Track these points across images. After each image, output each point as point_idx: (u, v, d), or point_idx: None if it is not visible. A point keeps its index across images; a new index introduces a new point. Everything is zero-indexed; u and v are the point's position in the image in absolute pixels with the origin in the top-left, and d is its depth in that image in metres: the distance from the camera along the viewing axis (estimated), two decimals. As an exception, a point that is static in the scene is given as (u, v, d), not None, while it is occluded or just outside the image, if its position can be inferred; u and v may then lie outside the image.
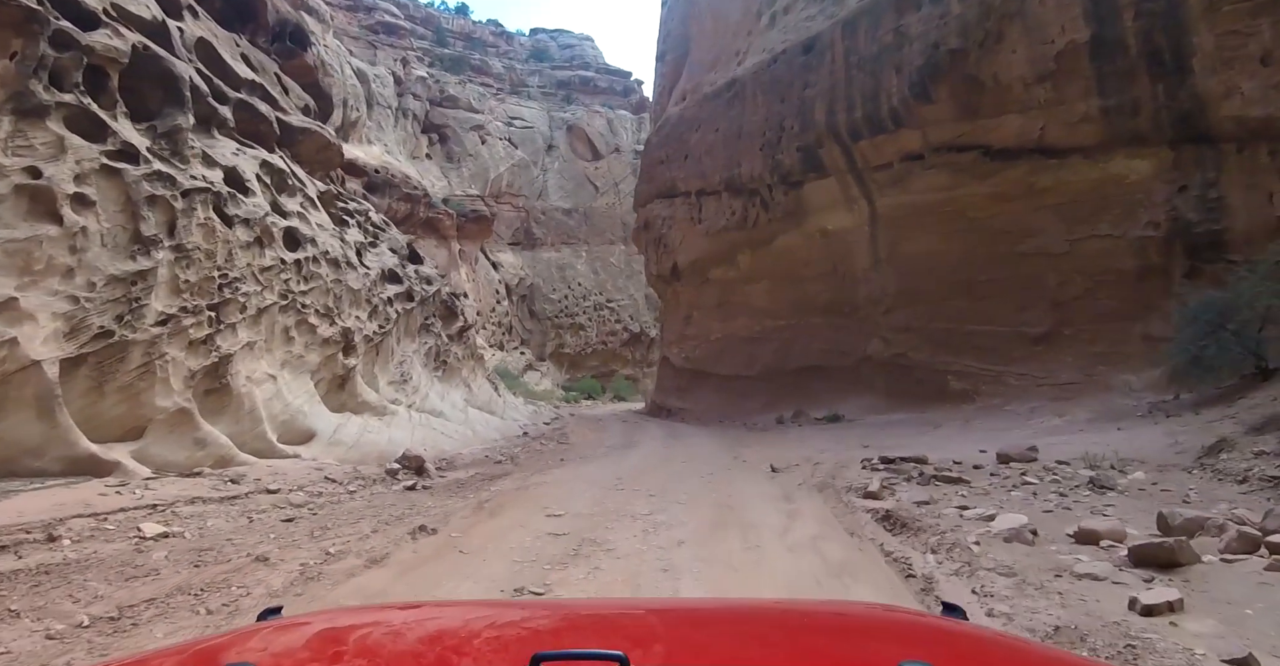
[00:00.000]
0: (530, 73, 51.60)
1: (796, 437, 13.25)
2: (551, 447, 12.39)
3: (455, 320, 16.32)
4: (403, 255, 16.23)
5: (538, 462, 10.31)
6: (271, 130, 13.50)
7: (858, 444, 11.27)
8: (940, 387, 17.84)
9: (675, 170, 26.41)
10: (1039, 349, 16.55)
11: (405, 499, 7.22)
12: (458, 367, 15.24)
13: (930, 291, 18.52)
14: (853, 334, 20.36)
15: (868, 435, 12.52)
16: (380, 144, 40.94)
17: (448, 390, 14.15)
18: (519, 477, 8.54)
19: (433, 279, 15.86)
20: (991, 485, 6.71)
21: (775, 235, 22.23)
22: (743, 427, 18.07)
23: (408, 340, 13.63)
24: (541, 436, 14.02)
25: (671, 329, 28.20)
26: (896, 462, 8.33)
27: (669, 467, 9.30)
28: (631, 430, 16.60)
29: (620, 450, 11.83)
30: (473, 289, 41.29)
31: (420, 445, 10.35)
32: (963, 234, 17.90)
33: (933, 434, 11.90)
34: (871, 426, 14.68)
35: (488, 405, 15.99)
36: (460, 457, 10.74)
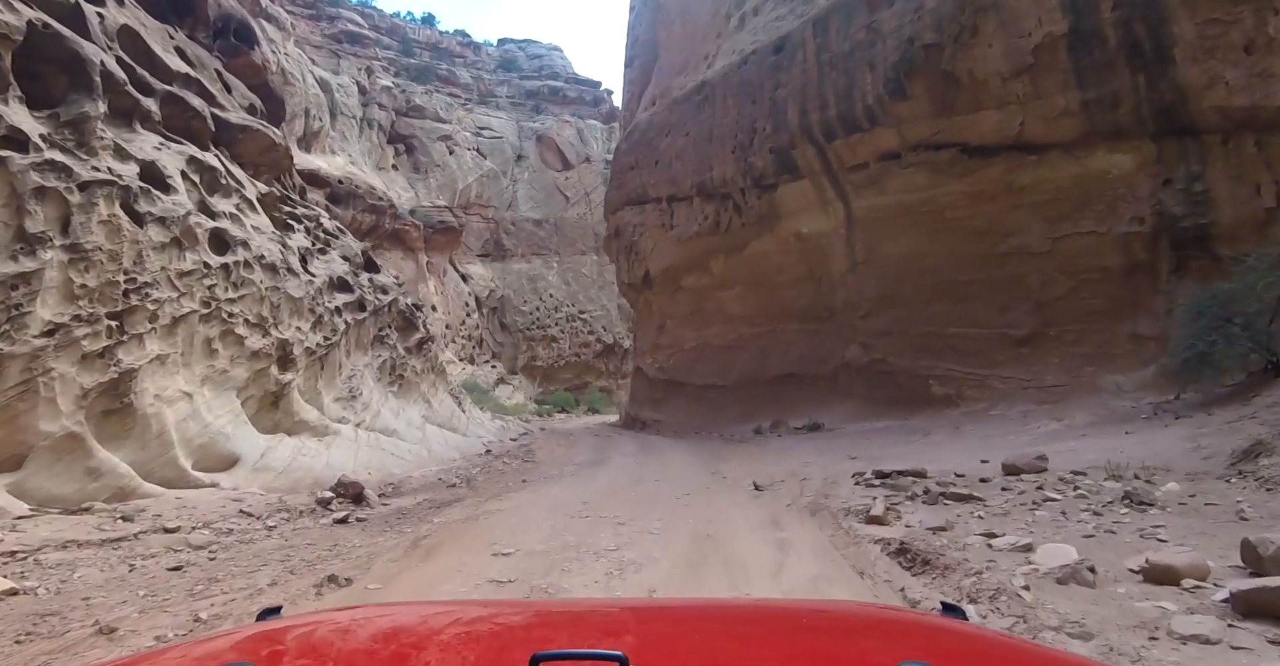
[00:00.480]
0: (499, 83, 50.62)
1: (777, 449, 12.28)
2: (514, 467, 11.26)
3: (414, 332, 15.13)
4: (356, 263, 15.03)
5: (496, 485, 9.18)
6: (205, 127, 12.30)
7: (844, 455, 10.33)
8: (923, 393, 17.06)
9: (645, 176, 25.54)
10: (1023, 351, 15.86)
11: (330, 536, 6.07)
12: (416, 382, 14.04)
13: (910, 294, 17.79)
14: (830, 340, 19.54)
15: (853, 445, 11.60)
16: (344, 154, 39.57)
17: (404, 406, 12.93)
18: (471, 504, 7.43)
19: (389, 288, 14.69)
20: (1009, 503, 5.77)
21: (749, 240, 21.41)
22: (720, 439, 17.08)
23: (359, 353, 12.43)
24: (505, 454, 12.85)
25: (644, 338, 27.20)
26: (893, 477, 7.38)
27: (641, 488, 8.26)
28: (603, 445, 15.51)
29: (589, 468, 10.74)
30: (441, 301, 39.94)
31: (365, 468, 9.17)
32: (942, 234, 17.23)
33: (922, 442, 11.02)
34: (855, 435, 13.79)
35: (449, 422, 14.78)
36: (410, 481, 9.55)
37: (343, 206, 35.84)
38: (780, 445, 13.25)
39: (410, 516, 6.93)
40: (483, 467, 10.94)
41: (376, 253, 39.28)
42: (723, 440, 16.66)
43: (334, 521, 6.68)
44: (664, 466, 10.69)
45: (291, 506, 7.21)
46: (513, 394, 40.92)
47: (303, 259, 11.99)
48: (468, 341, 41.03)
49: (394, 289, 14.83)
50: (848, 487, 7.20)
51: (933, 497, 5.97)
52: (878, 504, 5.53)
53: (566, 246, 46.48)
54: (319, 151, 38.22)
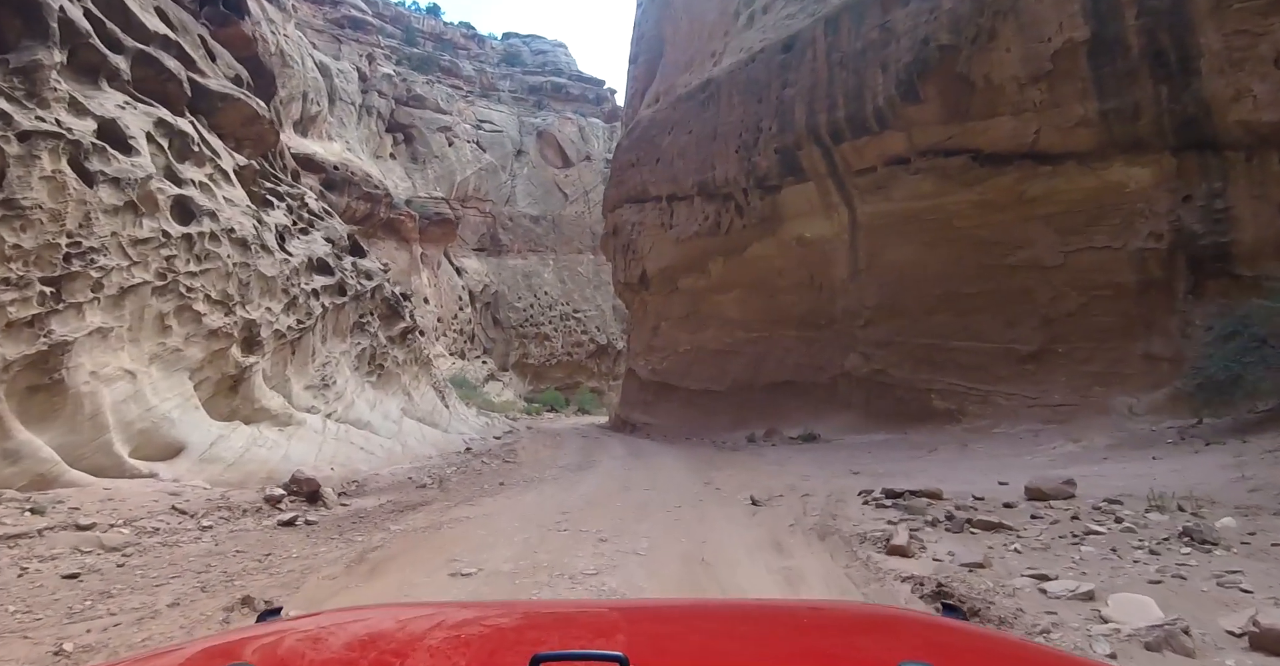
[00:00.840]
0: (501, 77, 49.80)
1: (773, 460, 11.51)
2: (493, 468, 10.46)
3: (398, 321, 14.27)
4: (341, 246, 14.18)
5: (470, 487, 8.36)
6: (181, 91, 11.44)
7: (845, 469, 9.57)
8: (923, 407, 16.34)
9: (646, 173, 24.79)
10: (1029, 368, 15.16)
11: (268, 542, 5.25)
12: (397, 373, 13.17)
13: (912, 305, 17.07)
14: (829, 348, 18.81)
15: (853, 458, 10.85)
16: (341, 141, 38.66)
17: (382, 398, 12.08)
18: (438, 509, 6.62)
19: (374, 273, 13.84)
20: (1045, 534, 5.01)
21: (749, 242, 20.67)
22: (712, 446, 16.29)
23: (336, 339, 11.58)
24: (486, 453, 11.99)
25: (638, 340, 26.41)
26: (905, 497, 6.61)
27: (628, 497, 7.45)
28: (590, 447, 14.69)
29: (573, 472, 9.93)
30: (434, 294, 39.04)
31: (329, 463, 8.35)
32: (948, 244, 16.53)
33: (928, 459, 10.26)
34: (853, 448, 13.04)
35: (430, 416, 13.92)
36: (377, 479, 8.71)
37: (337, 192, 34.96)
38: (776, 455, 12.47)
39: (367, 520, 6.11)
40: (459, 467, 10.08)
41: (370, 241, 38.34)
42: (715, 447, 15.88)
43: (278, 523, 5.85)
44: (653, 473, 9.90)
45: (235, 504, 6.37)
46: (502, 391, 40.03)
47: (280, 237, 11.13)
48: (459, 336, 40.13)
49: (379, 275, 13.99)
50: (856, 507, 6.42)
51: (957, 524, 5.20)
52: (900, 532, 4.74)
53: (563, 244, 45.66)
54: (316, 136, 37.31)
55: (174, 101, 11.20)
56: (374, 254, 37.86)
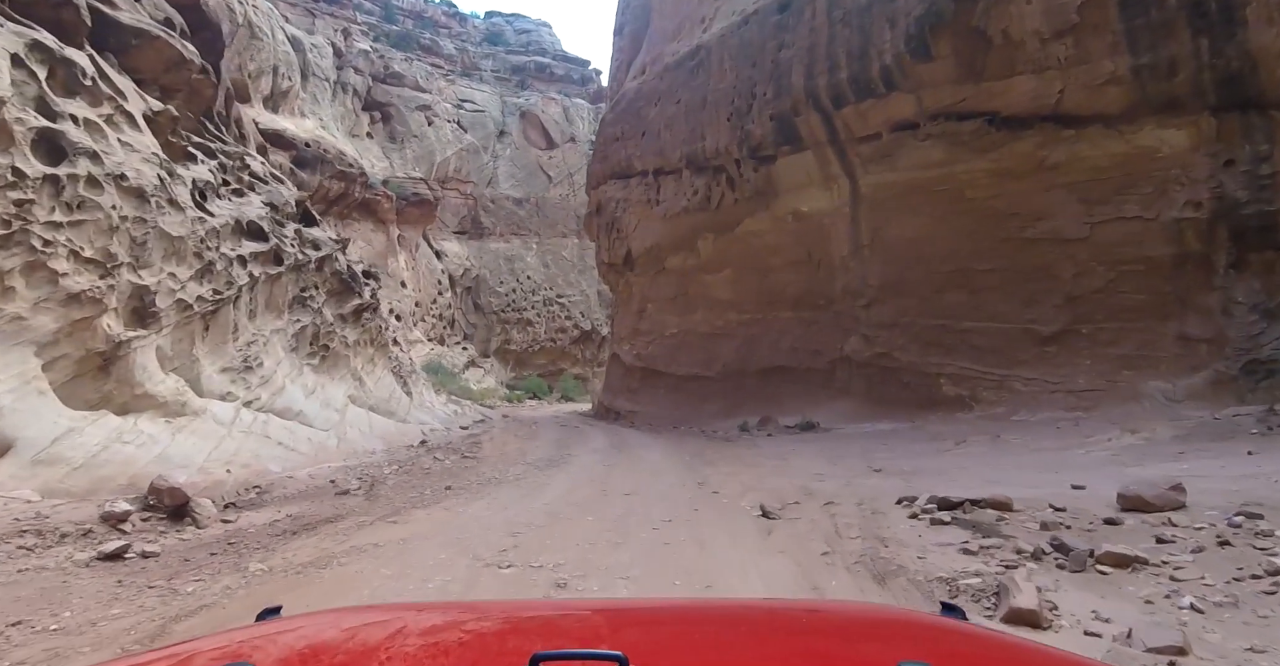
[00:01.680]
0: (483, 56, 47.40)
1: (774, 453, 9.85)
2: (447, 465, 8.82)
3: (351, 297, 12.36)
4: (286, 213, 12.23)
5: (406, 494, 6.61)
6: (79, 20, 9.43)
7: (862, 466, 7.93)
8: (931, 393, 14.74)
9: (631, 147, 22.90)
10: (1050, 350, 13.57)
11: (56, 591, 3.49)
12: (345, 356, 11.29)
13: (919, 283, 15.41)
14: (828, 330, 17.13)
15: (867, 452, 9.21)
16: (315, 117, 36.27)
17: (324, 384, 10.20)
18: (345, 530, 4.88)
19: (322, 243, 11.92)
20: (1210, 574, 3.37)
21: (741, 218, 18.90)
22: (702, 436, 14.61)
23: (270, 315, 9.69)
24: (444, 447, 10.18)
25: (623, 323, 24.61)
26: (965, 508, 4.94)
27: (604, 508, 5.72)
28: (568, 438, 12.95)
29: (541, 471, 8.20)
30: (412, 277, 36.95)
31: (226, 464, 6.56)
32: (959, 217, 14.86)
33: (957, 453, 8.62)
34: (860, 439, 11.40)
35: (385, 405, 12.08)
36: (289, 484, 6.89)
37: (309, 170, 32.66)
38: (775, 447, 10.80)
39: (235, 550, 4.37)
40: (403, 465, 8.26)
41: (345, 222, 36.15)
42: (705, 437, 14.20)
43: (97, 556, 4.07)
44: (637, 471, 8.20)
45: (54, 524, 4.58)
46: (483, 378, 38.14)
47: (200, 194, 9.21)
48: (438, 321, 38.11)
49: (329, 245, 12.06)
50: (903, 524, 4.75)
51: (1077, 560, 3.51)
52: (1020, 593, 2.94)
53: (547, 228, 43.63)
54: (287, 112, 34.89)
55: (69, 30, 9.20)
56: (350, 235, 35.67)
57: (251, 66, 32.76)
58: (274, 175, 13.69)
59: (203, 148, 10.89)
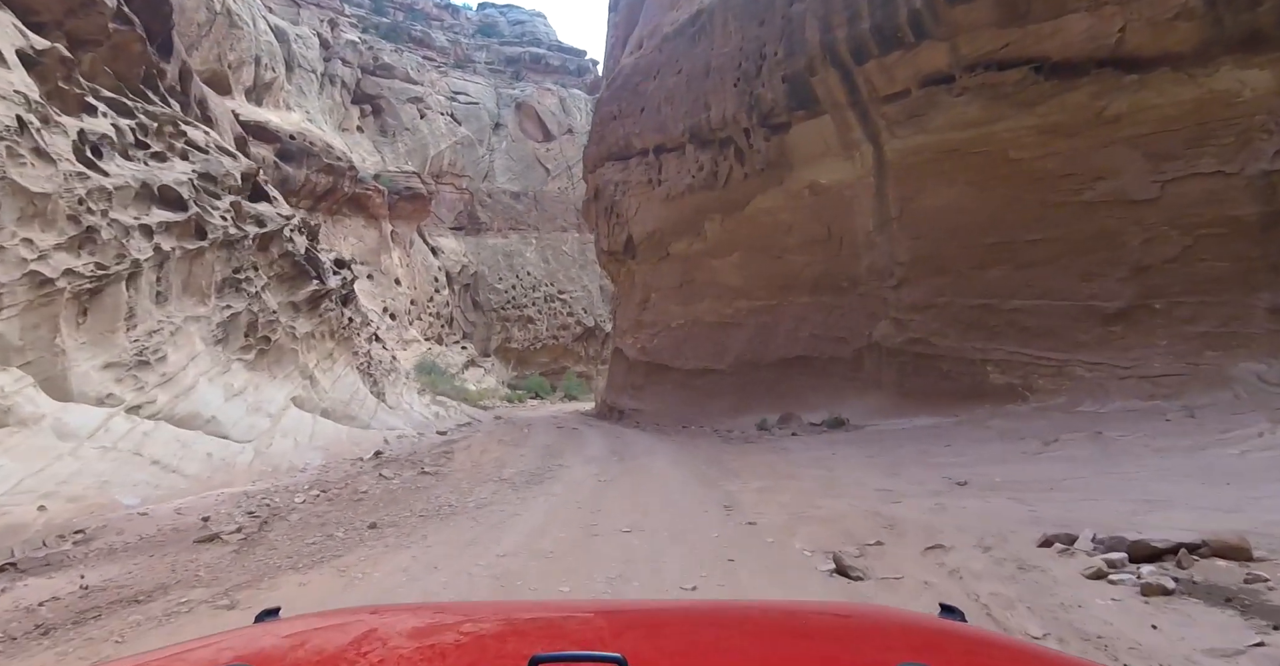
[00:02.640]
0: (477, 48, 45.53)
1: (810, 458, 7.97)
2: (392, 487, 6.79)
3: (305, 282, 10.51)
4: (227, 185, 10.41)
5: (303, 538, 4.78)
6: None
7: (934, 475, 6.08)
8: (976, 382, 12.83)
9: (629, 125, 21.00)
10: (1116, 330, 11.65)
11: None
12: (293, 350, 9.42)
13: (957, 258, 13.49)
14: (852, 316, 15.22)
15: (925, 455, 7.34)
16: (301, 110, 34.54)
17: (260, 383, 8.35)
18: (153, 617, 3.02)
19: (267, 219, 10.09)
20: None
21: (752, 194, 16.99)
22: (716, 437, 12.75)
23: (187, 299, 7.85)
24: (402, 459, 8.24)
25: (625, 315, 22.72)
26: (1181, 559, 3.03)
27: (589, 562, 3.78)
28: (562, 443, 11.08)
29: (517, 491, 6.27)
30: (407, 275, 35.17)
31: (47, 495, 4.76)
32: (1002, 182, 12.93)
33: (1052, 456, 6.68)
34: (908, 439, 9.51)
35: (343, 407, 10.23)
36: (138, 523, 4.89)
37: (295, 164, 30.97)
38: (807, 450, 8.94)
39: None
40: (330, 489, 6.29)
41: (335, 218, 34.38)
42: (720, 438, 12.34)
43: None
44: (641, 489, 6.33)
45: None
46: (483, 378, 36.36)
47: (93, 150, 7.38)
48: (436, 319, 36.34)
49: (276, 220, 10.22)
50: (1088, 593, 2.90)
51: None
52: None
53: (546, 222, 41.77)
54: (272, 105, 33.17)
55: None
56: (341, 231, 33.91)
57: (231, 56, 31.04)
58: (222, 148, 11.87)
59: (114, 103, 9.08)
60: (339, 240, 33.02)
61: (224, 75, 31.32)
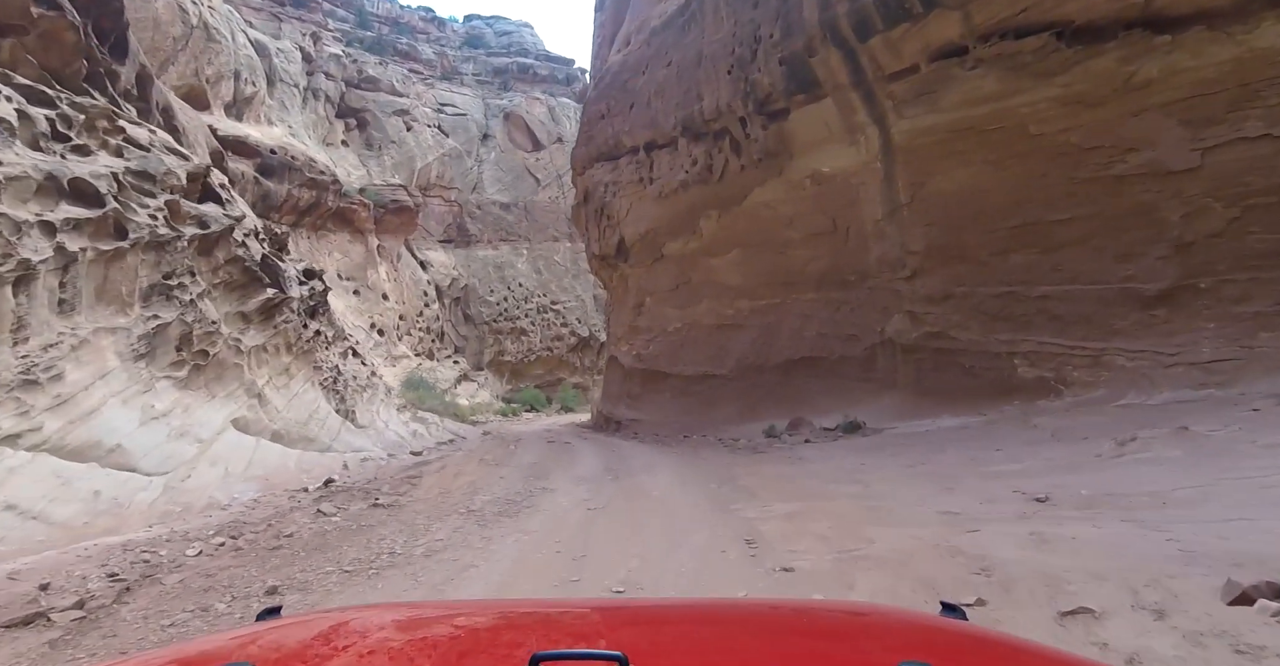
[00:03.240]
0: (464, 60, 44.74)
1: (836, 471, 6.72)
2: (328, 526, 5.41)
3: (257, 291, 9.24)
4: (168, 184, 9.24)
5: (157, 619, 3.42)
6: None
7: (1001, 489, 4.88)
8: (1002, 377, 11.65)
9: (619, 123, 19.96)
10: (1158, 313, 10.50)
11: None
12: (237, 366, 8.11)
13: (976, 245, 12.38)
14: (862, 311, 14.06)
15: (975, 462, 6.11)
16: (284, 125, 33.54)
17: (192, 404, 7.05)
18: None
19: (211, 220, 8.84)
20: None
21: (749, 188, 15.89)
22: (722, 447, 11.51)
23: (104, 309, 6.61)
24: (356, 488, 7.09)
25: (619, 322, 21.51)
26: None
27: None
28: (551, 460, 9.78)
29: (484, 528, 5.11)
30: (394, 289, 33.97)
31: None
32: (1023, 160, 11.85)
33: (1135, 460, 5.44)
34: (942, 442, 8.28)
35: (299, 428, 8.89)
36: None
37: (276, 179, 29.89)
38: (829, 460, 7.70)
39: None
40: (246, 532, 4.74)
41: (320, 234, 33.23)
42: (726, 448, 11.11)
43: None
44: (640, 522, 5.04)
45: None
46: (477, 392, 35.06)
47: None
48: (426, 334, 35.09)
49: (222, 221, 9.00)
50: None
51: None
52: None
53: (537, 232, 40.70)
54: (253, 120, 32.16)
55: None
56: (326, 247, 32.73)
57: (209, 71, 30.07)
58: (172, 149, 10.68)
59: (30, 91, 7.93)
60: (324, 256, 31.86)
61: (202, 90, 30.31)
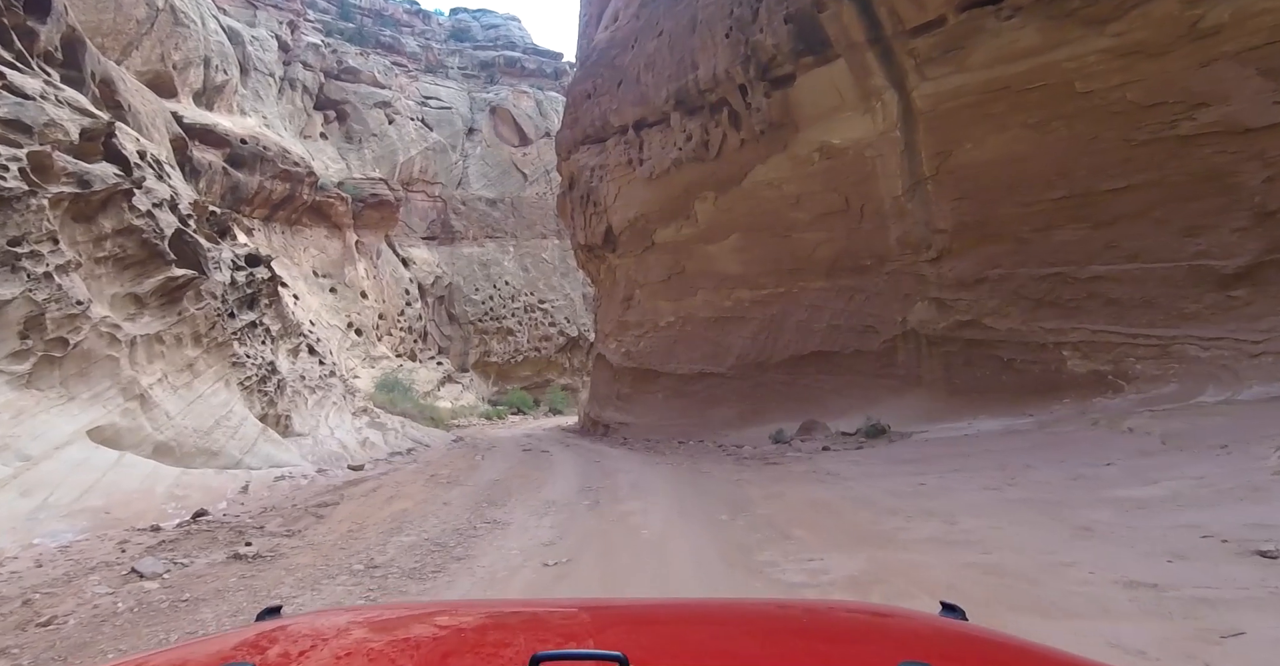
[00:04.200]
0: (449, 53, 42.89)
1: (886, 495, 4.92)
2: (120, 608, 3.30)
3: (156, 268, 7.38)
4: (48, 137, 7.40)
5: None
6: None
7: (1164, 524, 3.20)
8: (1049, 371, 9.95)
9: (606, 102, 18.18)
10: (1238, 294, 8.83)
11: None
12: (113, 359, 6.19)
13: (1014, 220, 10.68)
14: (881, 299, 12.33)
15: (1076, 480, 4.41)
16: (258, 115, 31.57)
17: (31, 407, 5.01)
18: None
19: (95, 179, 7.02)
20: None
21: (750, 165, 14.14)
22: (723, 456, 9.74)
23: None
24: (231, 524, 5.22)
25: (607, 317, 19.69)
26: None
27: None
28: (518, 476, 7.87)
29: (367, 603, 3.15)
30: (374, 287, 32.01)
31: None
32: (1069, 121, 10.17)
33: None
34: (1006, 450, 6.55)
35: (195, 439, 6.93)
36: None
37: (247, 170, 27.92)
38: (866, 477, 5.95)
39: None
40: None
41: (294, 229, 31.24)
42: (731, 458, 9.33)
43: None
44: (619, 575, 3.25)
45: None
46: (461, 394, 33.13)
47: None
48: (408, 334, 33.13)
49: (109, 180, 7.11)
50: None
51: None
52: None
53: (524, 229, 38.84)
54: (224, 109, 30.18)
55: None
56: (301, 242, 30.75)
57: (176, 56, 28.08)
58: (80, 109, 8.80)
59: None
60: (299, 252, 29.91)
61: (169, 77, 28.31)
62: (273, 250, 29.77)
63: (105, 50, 24.51)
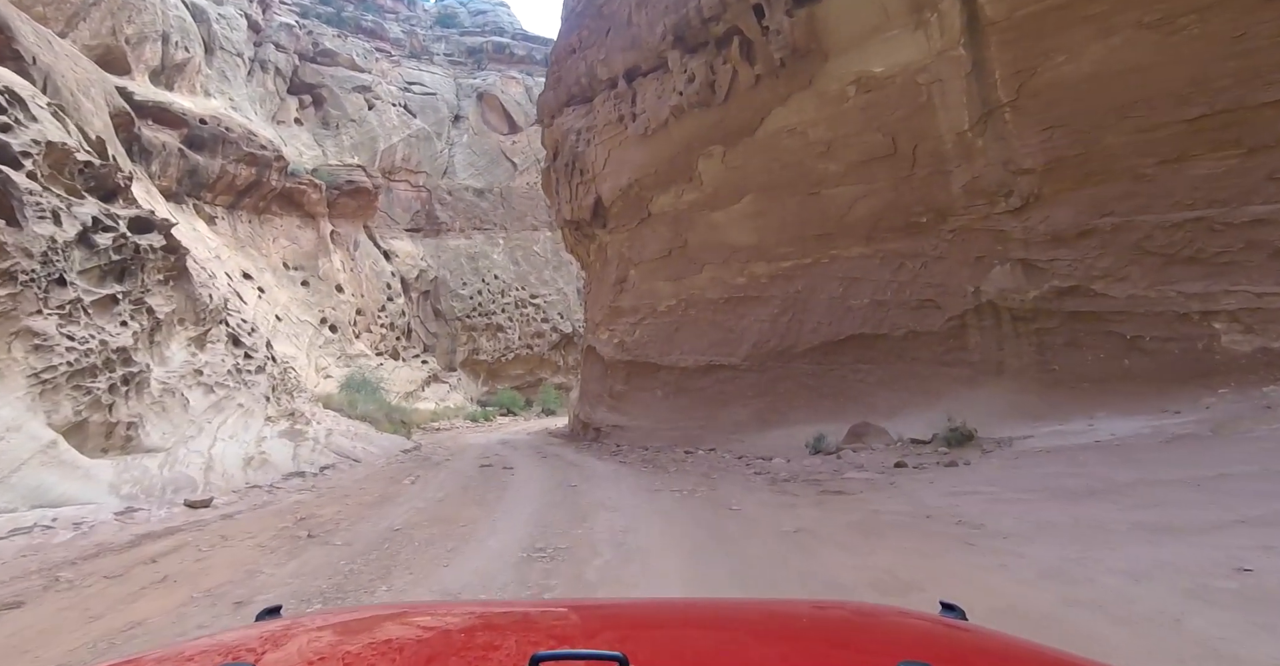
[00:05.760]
0: (435, 39, 40.04)
1: (1090, 586, 2.25)
2: None
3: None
4: None
5: None
6: None
7: None
8: (1197, 351, 7.10)
9: (593, 55, 15.33)
10: None
11: None
12: None
13: (1130, 150, 7.83)
14: (942, 265, 9.48)
15: None
16: (224, 97, 28.70)
17: None
18: None
19: None
20: None
21: (768, 107, 11.31)
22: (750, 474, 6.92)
23: None
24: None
25: (597, 303, 16.77)
26: None
27: None
28: (445, 518, 4.94)
29: None
30: (351, 281, 29.15)
31: None
32: (1201, 19, 7.36)
33: None
34: (1232, 477, 3.70)
35: None
36: None
37: (208, 153, 25.06)
38: (1034, 531, 3.13)
39: None
40: None
41: (263, 217, 28.31)
42: (764, 480, 6.51)
43: None
44: None
45: None
46: (448, 394, 30.30)
47: None
48: (389, 331, 30.27)
49: None
50: None
51: None
52: None
53: (514, 220, 35.98)
54: (186, 89, 27.25)
55: None
56: (271, 232, 27.86)
57: (129, 30, 25.19)
58: None
59: None
60: (267, 242, 27.03)
61: (120, 51, 25.36)
62: (237, 240, 26.89)
63: (48, 21, 21.68)
